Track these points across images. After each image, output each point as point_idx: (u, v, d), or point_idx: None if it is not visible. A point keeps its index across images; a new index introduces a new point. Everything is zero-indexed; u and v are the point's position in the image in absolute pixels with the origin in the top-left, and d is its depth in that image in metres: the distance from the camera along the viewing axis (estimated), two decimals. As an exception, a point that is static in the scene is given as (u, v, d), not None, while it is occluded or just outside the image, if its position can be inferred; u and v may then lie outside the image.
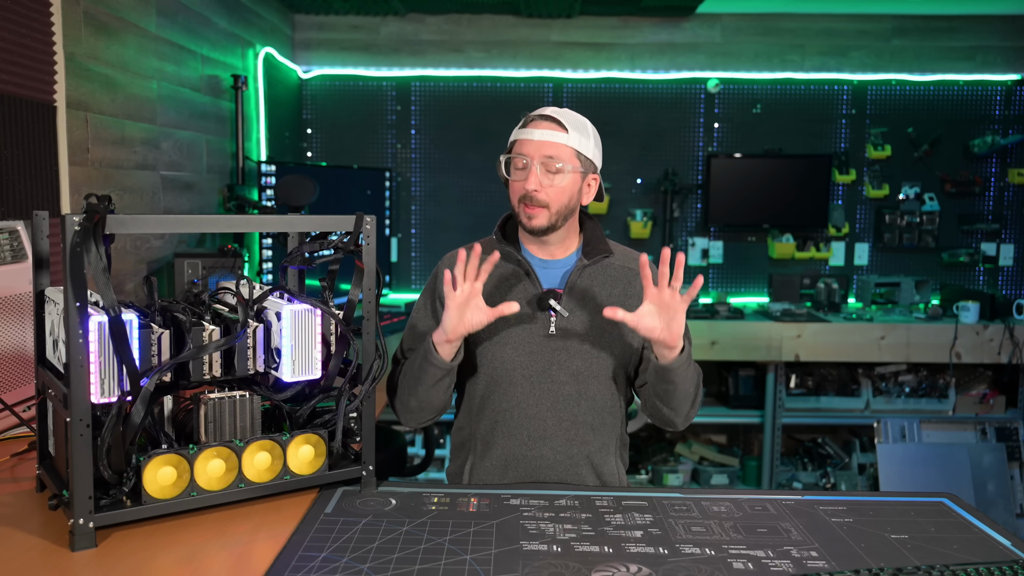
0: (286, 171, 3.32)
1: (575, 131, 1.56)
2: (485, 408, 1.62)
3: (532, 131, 1.55)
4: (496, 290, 1.61)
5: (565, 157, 1.54)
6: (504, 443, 1.60)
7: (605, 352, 1.60)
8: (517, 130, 1.59)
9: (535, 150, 1.54)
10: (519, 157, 1.55)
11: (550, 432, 1.58)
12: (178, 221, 1.39)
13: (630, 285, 1.63)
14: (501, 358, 1.59)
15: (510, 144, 1.60)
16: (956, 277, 4.36)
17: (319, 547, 1.20)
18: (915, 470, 3.70)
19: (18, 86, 1.91)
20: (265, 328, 1.34)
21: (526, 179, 1.53)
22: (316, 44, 4.25)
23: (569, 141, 1.55)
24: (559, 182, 1.54)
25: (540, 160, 1.53)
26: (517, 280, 1.62)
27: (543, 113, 1.58)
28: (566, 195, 1.56)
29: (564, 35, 4.26)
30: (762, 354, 3.80)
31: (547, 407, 1.59)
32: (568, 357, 1.59)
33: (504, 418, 1.60)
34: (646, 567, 1.16)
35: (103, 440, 1.17)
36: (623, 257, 1.67)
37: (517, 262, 1.62)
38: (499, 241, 1.64)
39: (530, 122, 1.57)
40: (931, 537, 1.29)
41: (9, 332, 1.71)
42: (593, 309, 1.60)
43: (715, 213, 4.23)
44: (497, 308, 1.48)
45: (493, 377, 1.60)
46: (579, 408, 1.59)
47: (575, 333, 1.59)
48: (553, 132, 1.54)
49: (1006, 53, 4.23)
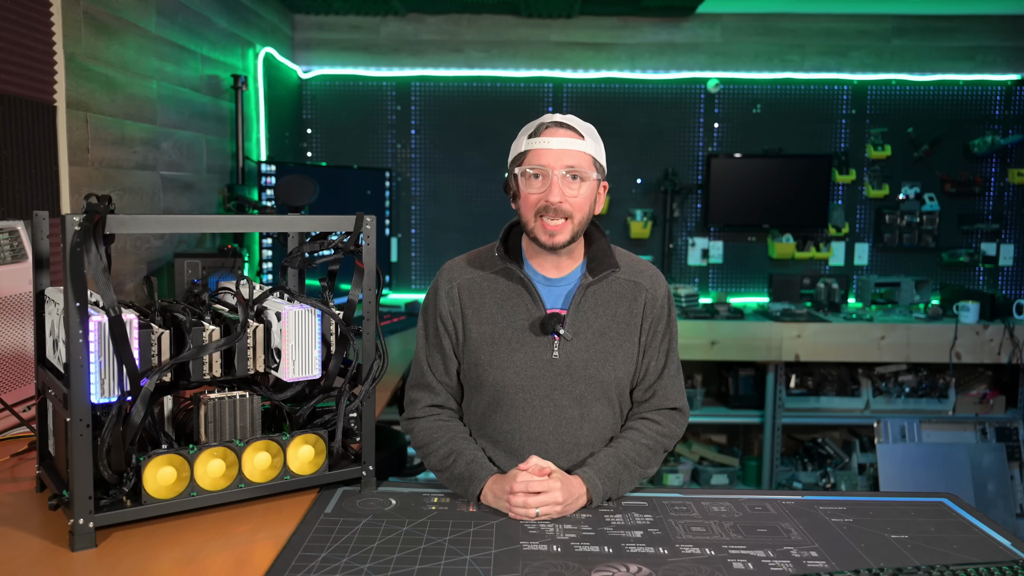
0: (286, 171, 3.32)
1: (590, 138, 1.51)
2: (485, 427, 1.58)
3: (549, 140, 1.47)
4: (499, 310, 1.55)
5: (586, 165, 1.48)
6: (506, 465, 1.53)
7: (609, 375, 1.54)
8: (527, 139, 1.49)
9: (555, 160, 1.45)
10: (536, 167, 1.46)
11: (552, 454, 1.53)
12: (178, 221, 1.39)
13: (635, 302, 1.56)
14: (503, 382, 1.53)
15: (520, 155, 1.50)
16: (956, 277, 4.36)
17: (319, 547, 1.20)
18: (915, 470, 3.69)
19: (18, 86, 1.91)
20: (265, 328, 1.34)
21: (547, 190, 1.45)
22: (316, 44, 4.25)
23: (587, 148, 1.49)
24: (582, 192, 1.47)
25: (561, 170, 1.45)
26: (518, 299, 1.54)
27: (554, 120, 1.49)
28: (587, 205, 1.50)
29: (564, 35, 4.26)
30: (762, 354, 3.80)
31: (549, 430, 1.54)
32: (571, 382, 1.53)
33: (506, 439, 1.55)
34: (646, 567, 1.16)
35: (103, 440, 1.17)
36: (630, 270, 1.59)
37: (520, 280, 1.54)
38: (501, 258, 1.55)
39: (543, 130, 1.48)
40: (931, 537, 1.29)
41: (9, 332, 1.71)
42: (598, 331, 1.53)
43: (715, 213, 4.23)
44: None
45: (494, 399, 1.55)
46: (582, 430, 1.54)
47: (579, 357, 1.53)
48: (572, 140, 1.47)
49: (1006, 53, 4.23)
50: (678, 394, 1.60)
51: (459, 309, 1.56)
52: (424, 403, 1.60)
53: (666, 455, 1.59)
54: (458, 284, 1.58)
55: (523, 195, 1.49)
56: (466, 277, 1.58)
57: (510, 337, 1.53)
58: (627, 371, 1.56)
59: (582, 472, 1.41)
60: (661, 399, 1.58)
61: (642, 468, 1.50)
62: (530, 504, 1.33)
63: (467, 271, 1.59)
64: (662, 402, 1.58)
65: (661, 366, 1.58)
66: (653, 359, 1.57)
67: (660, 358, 1.58)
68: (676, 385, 1.60)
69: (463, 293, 1.57)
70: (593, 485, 1.39)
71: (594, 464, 1.44)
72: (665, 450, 1.56)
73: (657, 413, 1.57)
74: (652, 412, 1.57)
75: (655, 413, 1.57)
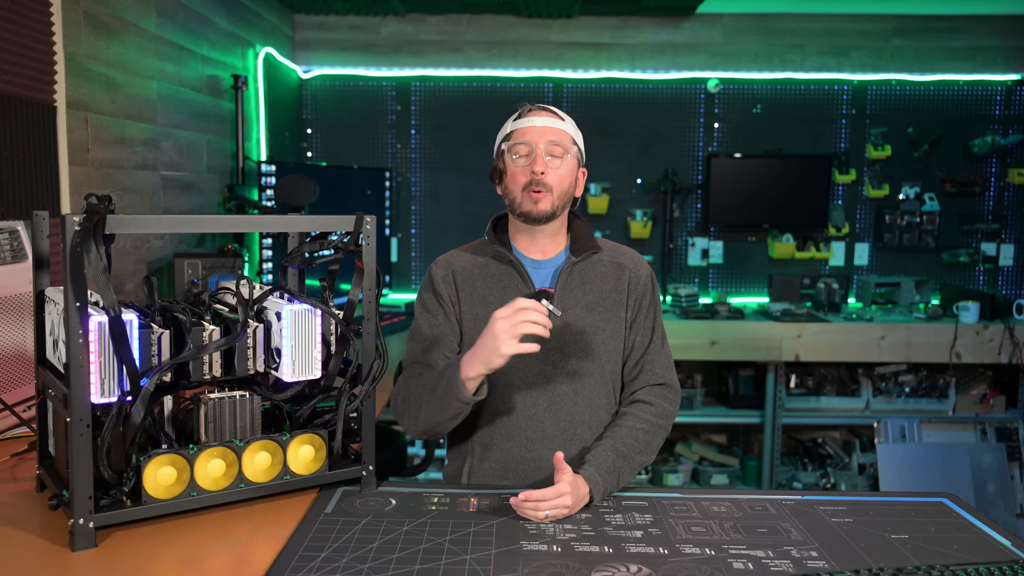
0: (286, 171, 3.32)
1: (569, 122, 1.64)
2: (482, 411, 1.61)
3: (533, 119, 1.60)
4: (490, 290, 1.63)
5: (566, 142, 1.60)
6: (503, 445, 1.60)
7: (599, 349, 1.61)
8: (512, 122, 1.63)
9: (539, 135, 1.58)
10: (522, 144, 1.58)
11: (548, 433, 1.58)
12: (178, 221, 1.39)
13: (619, 280, 1.65)
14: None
15: (506, 136, 1.63)
16: (956, 277, 4.36)
17: (319, 547, 1.20)
18: (915, 470, 3.69)
19: (18, 86, 1.91)
20: (265, 328, 1.34)
21: (532, 163, 1.57)
22: (316, 44, 4.25)
23: (567, 128, 1.61)
24: (561, 168, 1.58)
25: (544, 144, 1.57)
26: (510, 280, 1.63)
27: (537, 104, 1.64)
28: (567, 180, 1.60)
29: (564, 35, 4.26)
30: (762, 354, 3.80)
31: (544, 408, 1.59)
32: (563, 357, 1.59)
33: (502, 420, 1.60)
34: (646, 567, 1.16)
35: (103, 440, 1.17)
36: (612, 252, 1.69)
37: (509, 262, 1.63)
38: (491, 242, 1.65)
39: (527, 112, 1.62)
40: (931, 537, 1.29)
41: (9, 332, 1.71)
42: (585, 306, 1.61)
43: (715, 213, 4.23)
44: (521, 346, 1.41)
45: (489, 380, 1.56)
46: (576, 407, 1.59)
47: (569, 332, 1.60)
48: (554, 119, 1.61)
49: (1006, 53, 4.23)
50: (665, 369, 1.66)
51: (455, 292, 1.65)
52: (416, 361, 1.63)
53: (665, 435, 1.62)
54: (453, 270, 1.66)
55: (510, 172, 1.61)
56: (459, 264, 1.67)
57: None
58: (616, 345, 1.63)
59: (584, 470, 1.43)
60: (649, 374, 1.64)
61: (641, 456, 1.53)
62: (541, 508, 1.33)
63: (460, 258, 1.69)
64: (650, 377, 1.64)
65: (647, 341, 1.65)
66: (639, 334, 1.65)
67: (646, 333, 1.66)
68: (662, 360, 1.66)
69: (458, 278, 1.65)
70: (595, 483, 1.41)
71: (594, 460, 1.46)
72: (662, 430, 1.60)
73: (647, 392, 1.62)
74: (643, 391, 1.62)
75: (646, 393, 1.62)
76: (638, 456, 1.53)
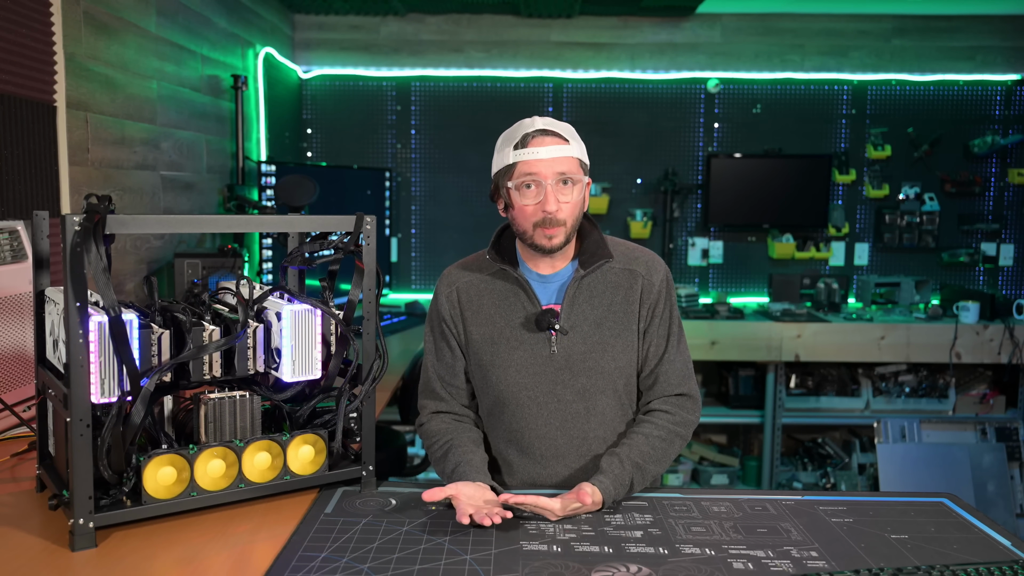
0: (286, 171, 3.32)
1: (574, 141, 1.51)
2: (496, 426, 1.60)
3: (537, 150, 1.46)
4: (496, 309, 1.57)
5: (575, 169, 1.48)
6: (520, 462, 1.58)
7: (609, 367, 1.54)
8: (513, 152, 1.48)
9: (547, 169, 1.45)
10: (530, 179, 1.46)
11: (562, 451, 1.55)
12: (178, 221, 1.39)
13: (631, 290, 1.56)
14: (505, 381, 1.55)
15: (508, 167, 1.49)
16: (956, 277, 4.36)
17: (319, 547, 1.20)
18: (915, 470, 3.69)
19: (18, 86, 1.91)
20: (265, 328, 1.34)
21: (543, 201, 1.45)
22: (316, 44, 4.25)
23: (574, 152, 1.49)
24: (573, 197, 1.49)
25: (553, 179, 1.46)
26: (514, 298, 1.56)
27: (537, 128, 1.48)
28: (579, 208, 1.52)
29: (564, 35, 4.25)
30: (762, 354, 3.80)
31: (556, 426, 1.55)
32: (572, 376, 1.54)
33: (516, 438, 1.58)
34: (646, 567, 1.16)
35: (103, 440, 1.17)
36: (625, 259, 1.59)
37: (515, 280, 1.56)
38: (494, 259, 1.57)
39: (530, 140, 1.47)
40: (931, 537, 1.29)
41: (9, 332, 1.71)
42: (594, 323, 1.54)
43: (715, 213, 4.23)
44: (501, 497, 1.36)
45: (500, 398, 1.57)
46: (589, 425, 1.55)
47: (577, 350, 1.54)
48: (560, 147, 1.47)
49: (1006, 53, 4.23)
50: (682, 379, 1.58)
51: (459, 312, 1.60)
52: (430, 410, 1.64)
53: (684, 444, 1.57)
54: (456, 288, 1.61)
55: (518, 207, 1.49)
56: (464, 281, 1.61)
57: (509, 336, 1.55)
58: (628, 359, 1.56)
59: (596, 480, 1.39)
60: (664, 385, 1.57)
61: (656, 464, 1.49)
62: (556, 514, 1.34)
63: (464, 275, 1.62)
64: (665, 388, 1.57)
65: (661, 350, 1.57)
66: (652, 344, 1.57)
67: (660, 343, 1.58)
68: (678, 369, 1.58)
69: (462, 296, 1.60)
70: (605, 490, 1.38)
71: (608, 471, 1.42)
72: (681, 438, 1.54)
73: (665, 402, 1.56)
74: (659, 401, 1.57)
75: (663, 402, 1.56)
76: (653, 465, 1.47)
